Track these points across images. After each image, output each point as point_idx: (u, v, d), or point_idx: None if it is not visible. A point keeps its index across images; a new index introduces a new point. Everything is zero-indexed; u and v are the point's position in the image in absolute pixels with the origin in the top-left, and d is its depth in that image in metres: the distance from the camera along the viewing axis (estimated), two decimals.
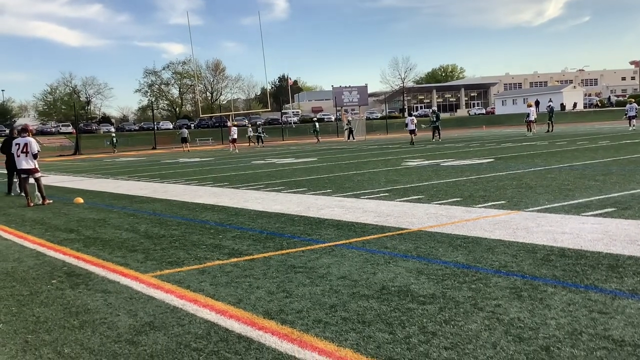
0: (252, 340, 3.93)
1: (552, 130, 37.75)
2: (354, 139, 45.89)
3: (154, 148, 57.05)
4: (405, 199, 10.24)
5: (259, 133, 48.54)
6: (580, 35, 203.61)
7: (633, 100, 40.99)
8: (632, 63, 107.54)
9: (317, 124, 52.93)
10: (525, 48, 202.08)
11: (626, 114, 36.70)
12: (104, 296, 5.25)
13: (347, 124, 47.65)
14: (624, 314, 3.99)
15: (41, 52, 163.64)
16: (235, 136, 41.18)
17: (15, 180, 15.86)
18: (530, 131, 36.68)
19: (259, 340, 3.90)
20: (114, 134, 61.25)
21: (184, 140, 49.35)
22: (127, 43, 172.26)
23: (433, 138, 35.69)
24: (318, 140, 49.92)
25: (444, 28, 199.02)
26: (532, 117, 36.59)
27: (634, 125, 35.49)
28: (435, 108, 41.92)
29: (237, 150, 39.09)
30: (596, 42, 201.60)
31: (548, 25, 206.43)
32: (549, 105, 40.33)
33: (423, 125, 44.47)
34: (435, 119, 36.08)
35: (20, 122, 73.10)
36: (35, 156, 12.88)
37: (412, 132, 34.12)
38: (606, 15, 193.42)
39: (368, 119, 75.49)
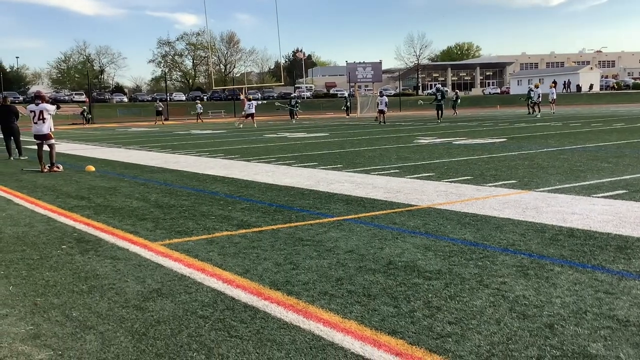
0: (257, 309, 3.96)
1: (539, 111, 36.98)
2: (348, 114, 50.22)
3: (166, 119, 56.99)
4: (415, 176, 10.21)
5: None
6: (599, 16, 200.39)
7: None
8: None
9: (295, 100, 47.96)
10: (542, 27, 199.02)
11: None
12: (113, 262, 5.30)
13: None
14: (630, 294, 3.98)
15: (56, 20, 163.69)
16: (253, 110, 35.62)
17: (12, 146, 17.02)
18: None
19: (265, 310, 3.94)
20: (85, 107, 54.25)
21: (159, 113, 49.13)
22: (139, 13, 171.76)
23: (438, 118, 33.37)
24: (296, 116, 46.19)
25: (461, 5, 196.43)
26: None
27: None
28: (439, 85, 39.33)
29: (255, 125, 34.90)
30: (615, 23, 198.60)
31: (567, 5, 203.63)
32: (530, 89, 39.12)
33: (421, 102, 43.65)
34: (440, 97, 33.87)
35: (34, 89, 73.14)
36: (57, 107, 13.99)
37: (381, 111, 33.29)
38: None
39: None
